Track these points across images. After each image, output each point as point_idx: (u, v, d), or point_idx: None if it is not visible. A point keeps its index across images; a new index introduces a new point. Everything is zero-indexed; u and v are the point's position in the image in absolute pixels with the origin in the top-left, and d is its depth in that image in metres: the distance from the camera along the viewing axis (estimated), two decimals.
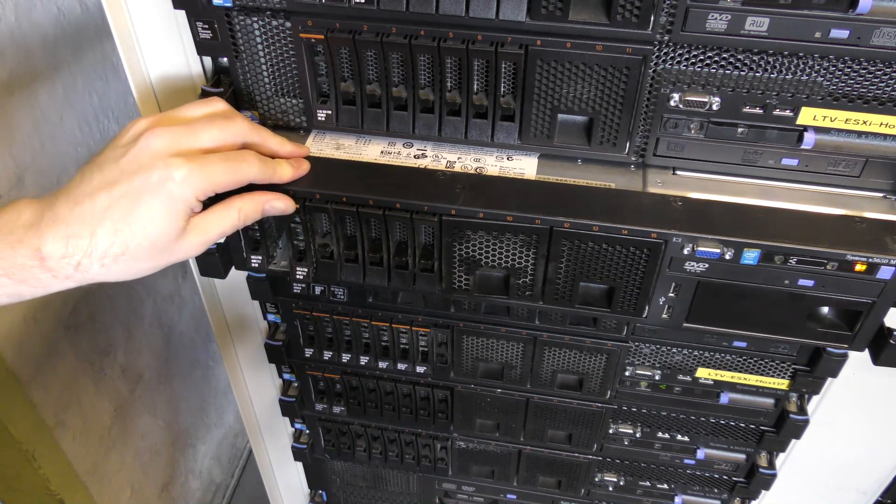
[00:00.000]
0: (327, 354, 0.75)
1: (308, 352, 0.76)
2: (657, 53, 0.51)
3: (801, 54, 0.50)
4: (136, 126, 0.49)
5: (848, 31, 0.47)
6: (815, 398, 0.70)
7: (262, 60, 0.58)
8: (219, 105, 0.53)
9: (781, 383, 0.67)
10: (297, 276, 0.60)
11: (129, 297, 1.04)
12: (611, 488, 0.84)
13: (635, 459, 0.80)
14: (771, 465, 0.76)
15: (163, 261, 0.49)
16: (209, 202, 0.51)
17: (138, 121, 0.50)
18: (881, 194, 0.56)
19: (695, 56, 0.51)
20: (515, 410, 0.76)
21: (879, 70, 0.49)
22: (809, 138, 0.53)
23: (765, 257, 0.52)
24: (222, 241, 0.61)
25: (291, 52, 0.57)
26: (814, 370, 0.64)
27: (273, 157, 0.55)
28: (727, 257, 0.52)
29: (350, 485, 0.97)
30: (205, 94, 0.60)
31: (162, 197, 0.47)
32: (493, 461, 0.84)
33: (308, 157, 0.58)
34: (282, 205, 0.54)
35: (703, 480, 0.81)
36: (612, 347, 0.67)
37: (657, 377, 0.70)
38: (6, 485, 0.81)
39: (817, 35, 0.47)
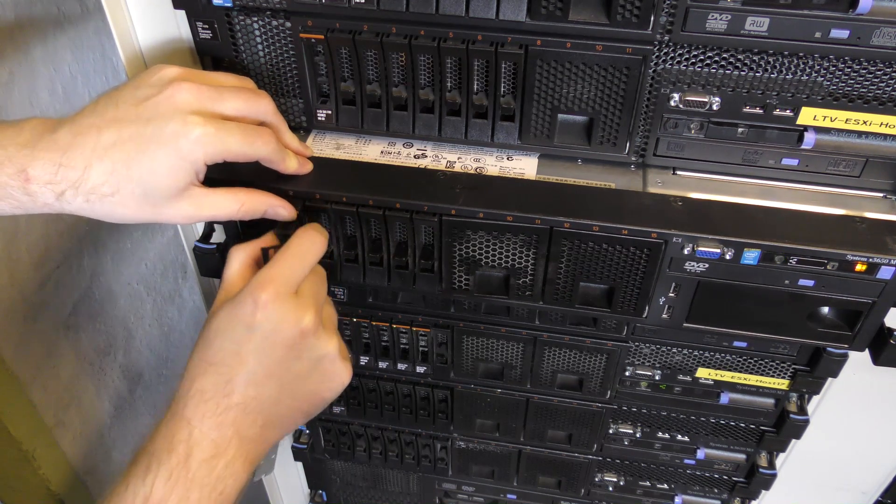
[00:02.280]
0: None
1: None
2: (657, 53, 0.51)
3: (801, 54, 0.50)
4: (163, 72, 0.48)
5: (848, 31, 0.47)
6: (815, 398, 0.70)
7: (262, 60, 0.58)
8: (249, 81, 0.53)
9: (781, 383, 0.67)
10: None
11: (129, 296, 1.04)
12: (611, 488, 0.84)
13: (635, 459, 0.80)
14: (771, 465, 0.76)
15: (147, 214, 0.48)
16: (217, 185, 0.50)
17: (166, 67, 0.49)
18: (881, 194, 0.56)
19: (695, 56, 0.51)
20: (515, 410, 0.76)
21: (879, 70, 0.49)
22: (809, 138, 0.53)
23: (765, 257, 0.52)
24: (223, 240, 0.61)
25: (291, 52, 0.57)
26: (814, 370, 0.64)
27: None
28: (727, 257, 0.52)
29: (350, 485, 0.97)
30: None
31: (170, 150, 0.46)
32: (493, 461, 0.84)
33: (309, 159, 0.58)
34: (285, 213, 0.54)
35: (703, 480, 0.81)
36: (612, 347, 0.67)
37: (657, 377, 0.70)
38: (6, 485, 0.81)
39: (817, 35, 0.47)
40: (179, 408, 0.45)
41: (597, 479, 0.83)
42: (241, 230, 0.58)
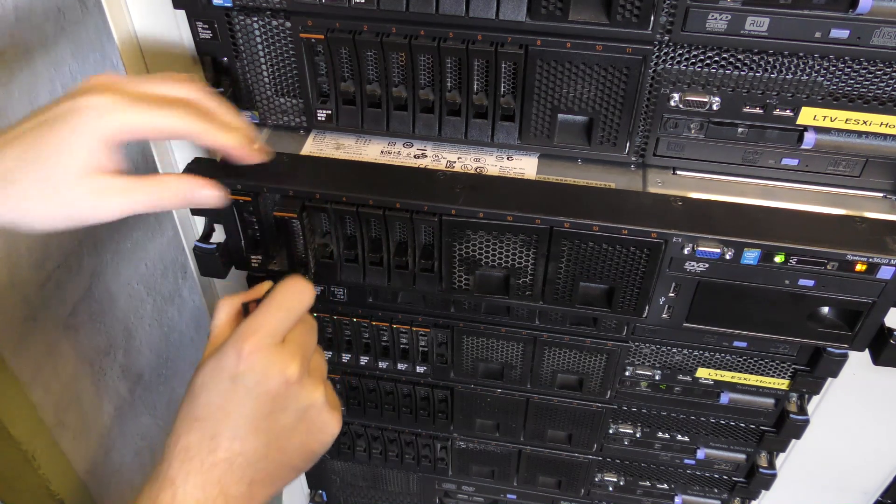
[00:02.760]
0: (327, 354, 0.75)
1: None
2: (657, 53, 0.51)
3: (801, 54, 0.50)
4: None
5: (848, 31, 0.47)
6: (815, 398, 0.70)
7: (262, 60, 0.58)
8: (181, 74, 0.50)
9: (781, 383, 0.67)
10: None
11: (130, 297, 1.04)
12: (611, 488, 0.84)
13: (635, 459, 0.80)
14: (771, 465, 0.76)
15: (53, 210, 0.45)
16: None
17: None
18: (881, 194, 0.56)
19: (695, 56, 0.51)
20: (515, 410, 0.76)
21: (879, 70, 0.49)
22: (809, 138, 0.53)
23: (765, 257, 0.52)
24: (223, 240, 0.61)
25: (291, 52, 0.57)
26: (814, 370, 0.64)
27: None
28: (727, 257, 0.52)
29: (350, 485, 0.97)
30: None
31: (73, 123, 0.44)
32: (493, 461, 0.84)
33: (308, 158, 0.58)
34: (210, 194, 0.49)
35: (703, 480, 0.81)
36: (612, 347, 0.67)
37: (657, 377, 0.70)
38: (6, 485, 0.81)
39: (817, 35, 0.47)
40: (164, 468, 0.44)
41: (597, 479, 0.83)
42: (248, 282, 0.57)
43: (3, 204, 0.44)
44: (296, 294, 0.48)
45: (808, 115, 0.52)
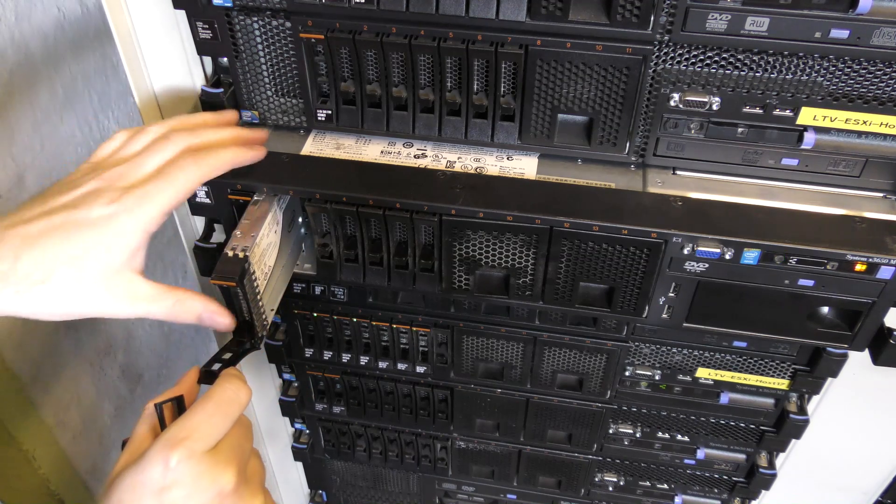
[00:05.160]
0: (327, 354, 0.75)
1: (308, 352, 0.76)
2: (657, 53, 0.51)
3: (801, 54, 0.50)
4: (81, 168, 0.49)
5: (848, 31, 0.47)
6: (815, 398, 0.70)
7: (262, 60, 0.58)
8: (154, 130, 0.51)
9: (781, 383, 0.67)
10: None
11: None
12: (611, 488, 0.84)
13: (635, 459, 0.80)
14: (771, 465, 0.76)
15: (78, 307, 0.45)
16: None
17: (83, 165, 0.49)
18: (881, 194, 0.56)
19: (695, 56, 0.51)
20: (515, 410, 0.76)
21: (879, 70, 0.49)
22: (809, 138, 0.53)
23: (765, 257, 0.52)
24: (223, 240, 0.61)
25: (291, 52, 0.57)
26: (814, 370, 0.64)
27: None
28: (727, 257, 0.52)
29: (350, 485, 0.97)
30: (205, 95, 0.60)
31: (102, 230, 0.45)
32: (493, 461, 0.84)
33: (309, 158, 0.58)
34: (221, 321, 0.51)
35: (703, 480, 0.81)
36: (612, 347, 0.67)
37: (657, 377, 0.70)
38: (6, 485, 0.81)
39: (817, 35, 0.47)
40: None
41: (597, 479, 0.83)
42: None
43: (27, 304, 0.44)
44: (235, 394, 0.46)
45: (807, 115, 0.52)
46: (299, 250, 0.62)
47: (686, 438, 0.76)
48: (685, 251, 0.52)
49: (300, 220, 0.61)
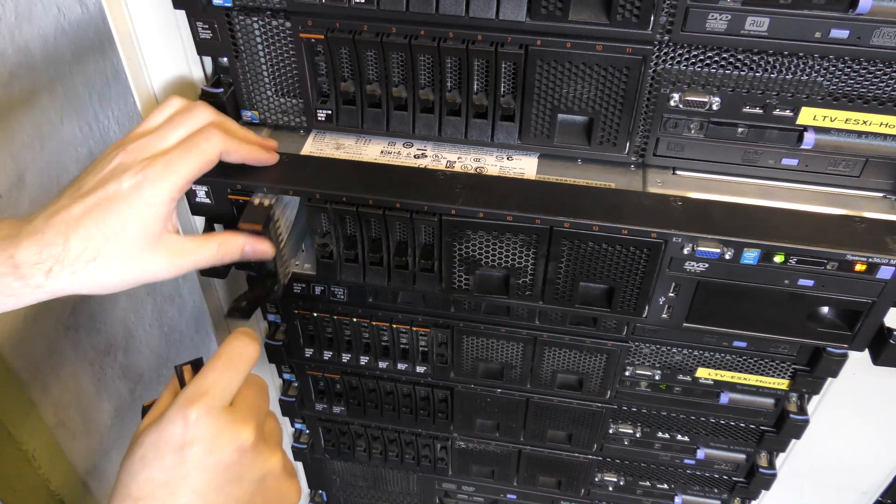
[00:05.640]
0: (327, 354, 0.75)
1: (308, 352, 0.76)
2: (657, 53, 0.51)
3: (801, 54, 0.50)
4: (110, 147, 0.51)
5: (848, 31, 0.47)
6: (815, 398, 0.70)
7: (262, 60, 0.58)
8: (176, 102, 0.53)
9: (781, 383, 0.67)
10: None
11: (130, 297, 1.04)
12: (611, 488, 0.84)
13: (635, 459, 0.80)
14: (771, 465, 0.76)
15: (132, 275, 0.48)
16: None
17: (112, 145, 0.51)
18: (881, 194, 0.56)
19: (695, 56, 0.51)
20: (515, 410, 0.76)
21: (879, 70, 0.49)
22: (809, 138, 0.53)
23: (765, 257, 0.52)
24: None
25: (291, 52, 0.57)
26: (814, 370, 0.64)
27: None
28: (727, 257, 0.52)
29: (350, 485, 0.97)
30: (205, 95, 0.60)
31: (134, 201, 0.47)
32: (493, 461, 0.84)
33: (308, 158, 0.58)
34: (262, 247, 0.54)
35: (703, 480, 0.81)
36: (612, 347, 0.67)
37: (657, 377, 0.70)
38: (6, 485, 0.81)
39: (817, 35, 0.47)
40: None
41: (597, 479, 0.83)
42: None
43: (85, 281, 0.47)
44: (243, 350, 0.47)
45: (807, 115, 0.52)
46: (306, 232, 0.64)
47: (686, 438, 0.76)
48: (685, 251, 0.52)
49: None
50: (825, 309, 0.56)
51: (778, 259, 0.52)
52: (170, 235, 0.49)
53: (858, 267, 0.51)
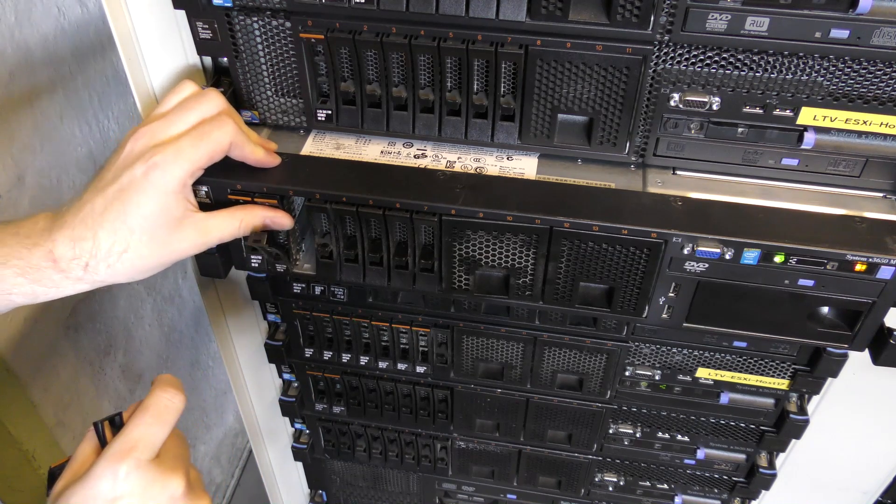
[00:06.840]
0: (327, 354, 0.75)
1: (308, 352, 0.76)
2: (657, 53, 0.51)
3: (801, 54, 0.50)
4: (125, 136, 0.52)
5: (848, 31, 0.47)
6: (815, 398, 0.70)
7: (262, 60, 0.58)
8: (188, 87, 0.54)
9: (781, 383, 0.67)
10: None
11: (129, 297, 1.04)
12: (611, 488, 0.84)
13: (635, 459, 0.80)
14: (771, 465, 0.76)
15: (165, 257, 0.50)
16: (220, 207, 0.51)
17: (129, 132, 0.52)
18: (881, 194, 0.56)
19: (695, 56, 0.51)
20: (515, 410, 0.76)
21: (879, 70, 0.49)
22: (809, 138, 0.53)
23: (765, 257, 0.52)
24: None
25: (291, 52, 0.57)
26: (814, 370, 0.64)
27: None
28: (727, 257, 0.52)
29: (350, 485, 0.97)
30: None
31: (148, 188, 0.48)
32: (493, 461, 0.84)
33: (308, 158, 0.58)
34: (282, 220, 0.56)
35: (703, 480, 0.81)
36: (612, 347, 0.67)
37: (657, 377, 0.70)
38: (6, 485, 0.81)
39: (817, 35, 0.47)
40: None
41: (597, 479, 0.83)
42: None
43: (121, 272, 0.48)
44: (167, 402, 0.47)
45: (807, 115, 0.52)
46: None
47: (686, 438, 0.76)
48: (685, 251, 0.52)
49: None
50: (825, 309, 0.56)
51: (778, 259, 0.52)
52: (192, 214, 0.50)
53: (858, 267, 0.51)
